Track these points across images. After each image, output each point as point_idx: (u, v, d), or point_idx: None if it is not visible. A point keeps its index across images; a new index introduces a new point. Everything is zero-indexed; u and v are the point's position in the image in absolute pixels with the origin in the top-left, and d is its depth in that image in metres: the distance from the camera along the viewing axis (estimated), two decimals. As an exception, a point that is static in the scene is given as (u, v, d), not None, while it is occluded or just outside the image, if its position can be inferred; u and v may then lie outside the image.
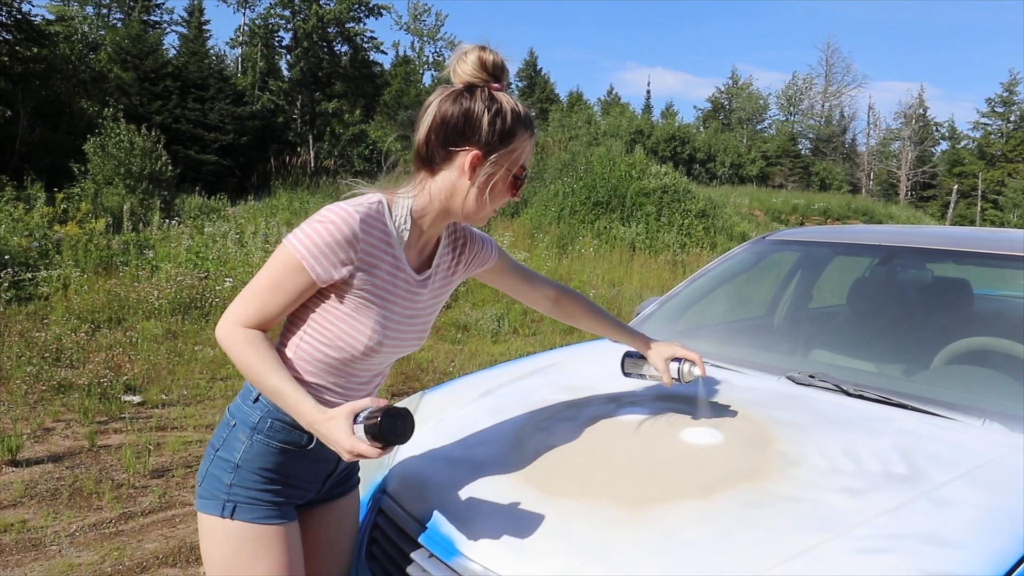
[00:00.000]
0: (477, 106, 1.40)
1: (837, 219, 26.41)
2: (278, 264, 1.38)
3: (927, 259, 2.86)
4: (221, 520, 1.43)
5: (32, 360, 5.51)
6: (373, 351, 1.46)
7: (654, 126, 36.70)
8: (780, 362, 2.44)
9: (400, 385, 5.61)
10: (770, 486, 1.51)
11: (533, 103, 45.83)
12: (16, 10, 21.14)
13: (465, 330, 7.47)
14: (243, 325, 1.39)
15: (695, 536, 1.38)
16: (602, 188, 15.60)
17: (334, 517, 1.64)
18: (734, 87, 54.34)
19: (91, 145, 15.28)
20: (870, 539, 1.32)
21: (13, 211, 9.43)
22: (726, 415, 1.87)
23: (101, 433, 4.43)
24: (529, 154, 1.49)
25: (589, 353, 2.61)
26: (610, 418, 1.90)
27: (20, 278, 7.49)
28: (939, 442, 1.70)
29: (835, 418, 1.85)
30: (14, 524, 3.31)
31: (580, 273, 10.59)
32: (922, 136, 51.98)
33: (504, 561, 1.44)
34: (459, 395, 2.21)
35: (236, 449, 1.44)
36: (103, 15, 37.42)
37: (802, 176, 44.22)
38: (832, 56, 57.01)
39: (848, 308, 3.10)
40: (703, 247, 14.44)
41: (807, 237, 3.37)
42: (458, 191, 1.44)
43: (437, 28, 44.79)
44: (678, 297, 3.02)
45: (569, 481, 1.62)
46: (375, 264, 1.41)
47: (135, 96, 24.76)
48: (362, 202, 1.41)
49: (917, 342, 2.55)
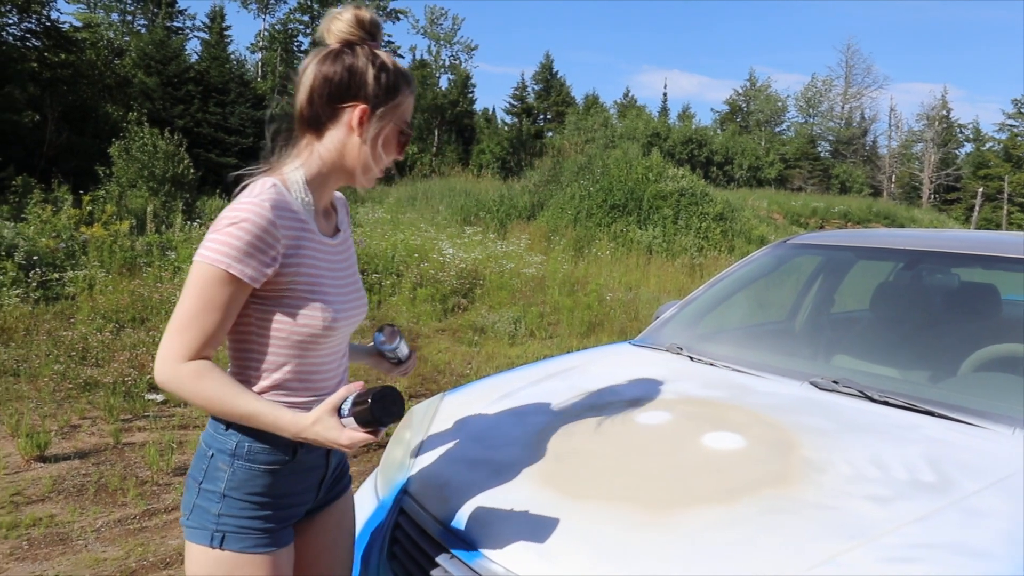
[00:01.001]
0: (360, 61, 1.39)
1: (858, 222, 26.17)
2: (201, 283, 1.30)
3: (953, 264, 2.82)
4: (211, 550, 1.38)
5: (59, 358, 5.59)
6: (331, 328, 1.42)
7: (671, 129, 36.57)
8: (802, 367, 2.41)
9: (417, 387, 5.62)
10: (795, 492, 1.50)
11: (549, 105, 45.82)
12: (45, 17, 21.48)
13: (482, 332, 7.47)
14: (184, 360, 1.30)
15: (719, 541, 1.37)
16: (619, 191, 15.56)
17: (333, 520, 1.62)
18: (752, 89, 54.02)
19: (116, 149, 15.51)
20: (899, 548, 1.30)
21: (41, 213, 9.56)
22: (749, 420, 1.86)
23: (125, 431, 4.48)
24: (410, 111, 1.47)
25: (609, 356, 2.60)
26: (631, 422, 1.90)
27: (47, 278, 7.60)
28: (969, 450, 1.68)
29: (860, 424, 1.83)
30: (42, 519, 3.36)
31: (597, 276, 10.55)
32: (945, 138, 51.37)
33: (526, 563, 1.43)
34: (479, 397, 2.21)
35: (219, 479, 1.38)
36: (127, 21, 37.93)
37: (821, 179, 43.87)
38: (852, 57, 56.66)
39: (871, 313, 3.06)
40: (721, 250, 14.35)
41: (829, 241, 3.34)
42: (349, 149, 1.42)
43: (453, 32, 44.89)
44: (698, 301, 3.00)
45: (591, 484, 1.61)
46: (298, 245, 1.37)
47: (158, 100, 25.09)
48: (262, 191, 1.35)
49: (943, 348, 2.52)
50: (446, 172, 28.82)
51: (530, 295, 9.02)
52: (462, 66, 43.91)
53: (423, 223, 14.19)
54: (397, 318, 7.72)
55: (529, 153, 34.52)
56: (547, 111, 45.83)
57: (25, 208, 9.94)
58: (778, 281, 3.32)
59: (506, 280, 9.42)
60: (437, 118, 37.28)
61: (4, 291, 7.07)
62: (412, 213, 16.36)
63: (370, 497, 2.03)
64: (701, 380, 2.22)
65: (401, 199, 19.51)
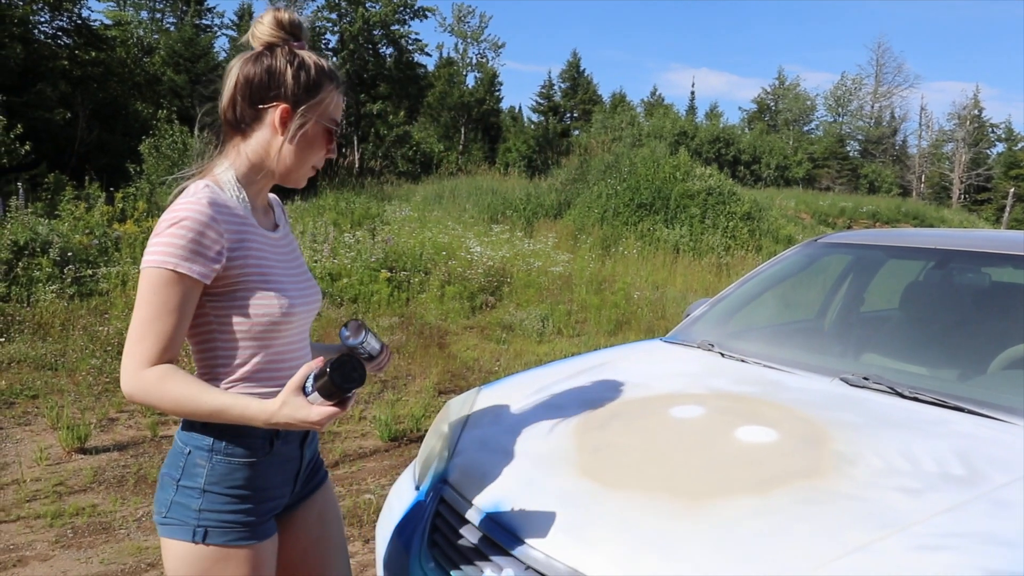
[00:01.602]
0: (279, 62, 1.42)
1: (886, 222, 25.86)
2: (151, 288, 1.32)
3: (984, 263, 2.83)
4: (192, 545, 1.40)
5: (95, 353, 5.74)
6: (288, 314, 1.45)
7: (698, 127, 36.38)
8: (832, 364, 2.44)
9: (447, 383, 5.69)
10: (827, 484, 1.54)
11: (576, 104, 45.79)
12: (76, 15, 21.89)
13: (510, 330, 7.53)
14: (147, 366, 1.32)
15: (753, 530, 1.42)
16: (646, 190, 15.54)
17: (315, 513, 1.65)
18: (780, 88, 53.55)
19: (146, 146, 15.79)
20: (929, 536, 1.34)
21: (74, 210, 9.76)
22: (781, 415, 1.90)
23: (162, 424, 4.60)
24: (339, 106, 1.49)
25: (642, 352, 2.65)
26: (666, 415, 1.94)
27: (81, 274, 7.77)
28: (998, 445, 1.71)
29: (890, 419, 1.86)
30: (85, 508, 3.47)
31: (624, 275, 10.57)
32: (977, 138, 50.56)
33: (566, 550, 1.49)
34: (515, 391, 2.27)
35: (198, 475, 1.40)
36: (157, 19, 38.45)
37: (850, 178, 43.39)
38: (883, 56, 55.79)
39: (901, 312, 3.08)
40: (748, 250, 14.28)
41: (859, 240, 3.36)
42: (272, 148, 1.44)
43: (481, 30, 44.94)
44: (729, 298, 3.04)
45: (628, 475, 1.67)
46: (241, 238, 1.40)
47: (187, 98, 25.44)
48: (196, 191, 1.37)
49: (973, 347, 2.53)
50: (472, 170, 28.89)
51: (557, 293, 9.07)
52: (489, 64, 43.98)
53: (450, 221, 14.28)
54: (426, 315, 7.80)
55: (556, 152, 34.50)
56: (574, 109, 45.79)
57: (58, 205, 10.14)
58: (808, 280, 3.34)
59: (533, 278, 9.47)
60: (464, 116, 37.40)
61: (41, 287, 7.26)
62: (439, 211, 16.45)
63: (408, 487, 2.10)
64: (733, 376, 2.26)
65: (428, 197, 19.62)
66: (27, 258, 7.66)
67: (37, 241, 7.96)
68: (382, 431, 4.52)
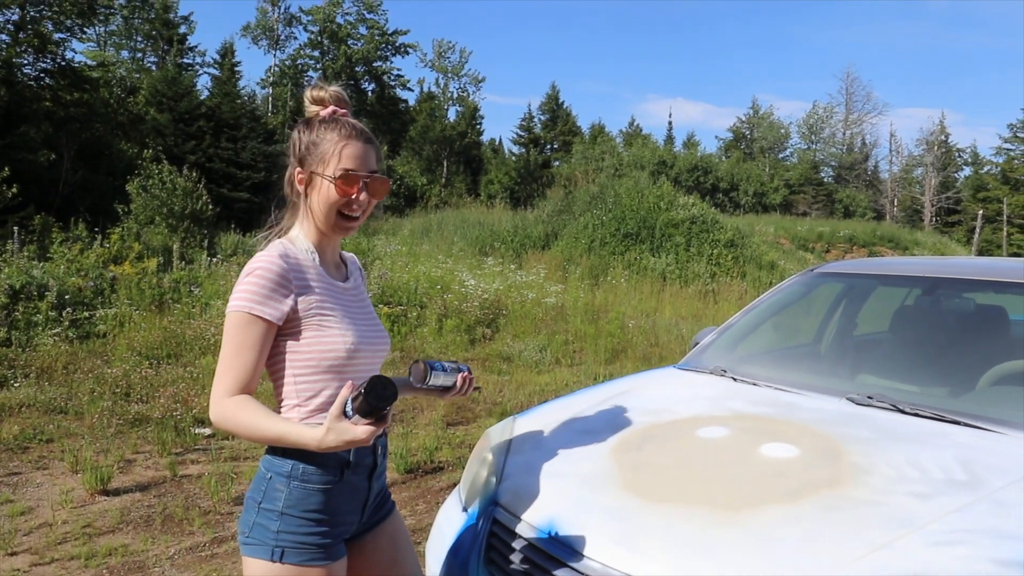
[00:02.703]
0: (295, 135, 1.67)
1: (863, 246, 26.41)
2: (234, 329, 1.54)
3: (967, 289, 3.07)
4: (271, 564, 1.54)
5: (103, 395, 5.82)
6: (354, 351, 1.62)
7: (676, 156, 37.03)
8: (836, 385, 2.65)
9: (454, 415, 5.84)
10: (848, 492, 1.74)
11: (556, 135, 46.41)
12: (60, 56, 22.03)
13: (509, 361, 7.70)
14: (229, 396, 1.52)
15: (788, 535, 1.60)
16: (631, 220, 15.88)
17: (386, 539, 1.80)
18: (755, 116, 54.64)
19: (134, 186, 15.88)
20: (943, 534, 1.54)
21: (67, 252, 9.82)
22: (799, 432, 2.10)
23: (179, 463, 4.69)
24: (349, 156, 1.62)
25: (661, 379, 2.85)
26: (694, 436, 2.14)
27: (78, 317, 7.82)
28: (994, 453, 1.92)
29: (897, 434, 2.07)
30: (117, 548, 3.57)
31: (615, 304, 10.81)
32: (945, 162, 51.81)
33: (620, 558, 1.67)
34: (549, 418, 2.45)
35: (278, 499, 1.56)
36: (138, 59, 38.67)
37: (825, 203, 44.22)
38: (852, 85, 57.18)
39: (891, 335, 3.30)
40: (733, 276, 14.61)
41: (852, 269, 3.59)
42: (310, 206, 1.66)
43: (461, 65, 45.68)
44: (735, 327, 3.25)
45: (667, 490, 1.85)
46: (308, 285, 1.60)
47: (170, 137, 25.56)
48: (271, 247, 1.61)
49: (960, 366, 2.75)
50: (456, 203, 29.20)
51: (552, 323, 9.27)
52: (470, 98, 44.57)
53: (440, 255, 14.48)
54: (426, 348, 7.96)
55: (539, 183, 34.93)
56: (554, 141, 46.39)
57: (49, 248, 10.20)
58: (806, 307, 3.57)
59: (528, 309, 9.68)
60: (446, 149, 37.82)
61: (40, 331, 7.32)
62: (427, 244, 16.66)
63: (456, 511, 2.26)
64: (748, 398, 2.46)
65: (415, 231, 19.83)
66: (24, 302, 7.72)
67: (34, 285, 8.03)
68: (398, 464, 4.66)
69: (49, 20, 21.85)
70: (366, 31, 37.30)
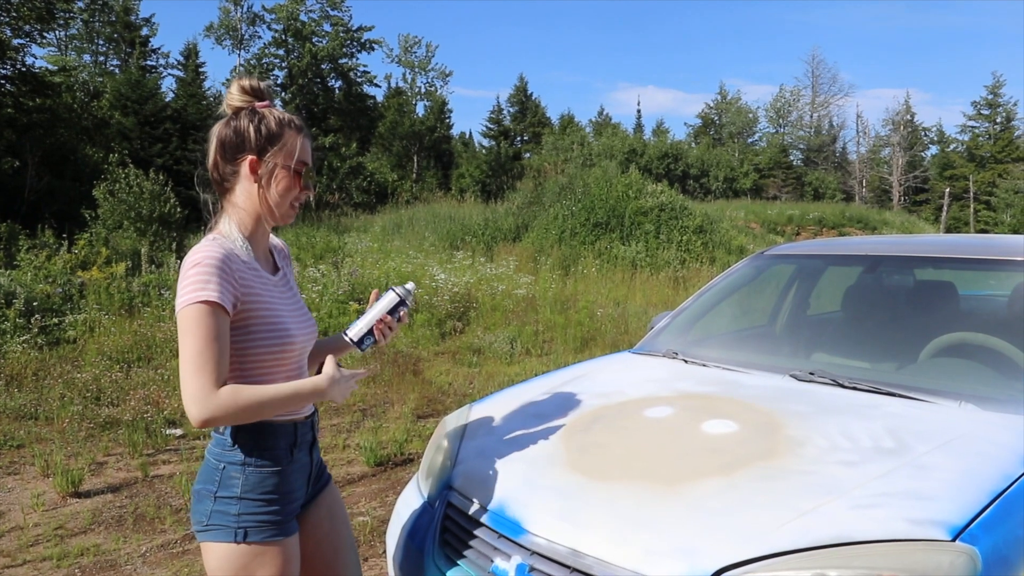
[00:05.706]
0: (243, 122, 1.68)
1: (832, 228, 26.78)
2: (194, 324, 1.53)
3: (909, 265, 3.18)
4: (235, 545, 1.62)
5: (74, 400, 5.81)
6: (291, 341, 1.70)
7: (646, 144, 37.24)
8: (783, 363, 2.75)
9: (424, 407, 5.90)
10: (781, 463, 1.82)
11: (526, 127, 46.46)
12: (20, 62, 21.66)
13: (479, 353, 7.77)
14: (216, 389, 1.52)
15: (722, 504, 1.68)
16: (600, 209, 15.99)
17: (324, 511, 1.88)
18: (723, 102, 55.03)
19: (100, 191, 15.69)
20: (864, 498, 1.62)
21: (34, 259, 9.73)
22: (740, 409, 2.18)
23: (151, 464, 4.71)
24: (304, 150, 1.72)
25: (614, 364, 2.93)
26: (640, 416, 2.21)
27: (47, 323, 7.78)
28: (921, 421, 2.02)
29: (833, 407, 2.16)
30: (89, 548, 3.60)
31: (586, 294, 10.91)
32: (911, 141, 52.63)
33: (563, 533, 1.74)
34: (504, 405, 2.52)
35: (234, 486, 1.63)
36: (100, 63, 38.09)
37: (795, 187, 44.74)
38: (818, 67, 57.88)
39: (843, 313, 3.41)
40: (702, 262, 14.78)
41: (802, 251, 3.69)
42: (252, 195, 1.69)
43: (428, 59, 45.45)
44: (688, 310, 3.33)
45: (611, 468, 1.93)
46: (247, 280, 1.64)
47: (136, 140, 25.27)
48: (206, 242, 1.63)
49: (906, 340, 2.86)
50: (427, 198, 29.15)
51: (523, 315, 9.35)
52: (438, 92, 44.42)
53: (411, 250, 14.50)
54: (396, 343, 8.00)
55: (510, 175, 34.98)
56: (523, 132, 46.45)
57: (16, 255, 10.10)
58: (758, 289, 3.66)
59: (498, 301, 9.75)
60: (416, 144, 37.71)
61: (9, 338, 7.27)
62: (399, 240, 16.67)
63: (414, 497, 2.32)
64: (696, 379, 2.55)
65: (386, 227, 19.81)
66: (-8, 310, 7.66)
67: (0, 292, 7.96)
68: (368, 457, 4.71)
69: (7, 26, 21.45)
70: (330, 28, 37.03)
